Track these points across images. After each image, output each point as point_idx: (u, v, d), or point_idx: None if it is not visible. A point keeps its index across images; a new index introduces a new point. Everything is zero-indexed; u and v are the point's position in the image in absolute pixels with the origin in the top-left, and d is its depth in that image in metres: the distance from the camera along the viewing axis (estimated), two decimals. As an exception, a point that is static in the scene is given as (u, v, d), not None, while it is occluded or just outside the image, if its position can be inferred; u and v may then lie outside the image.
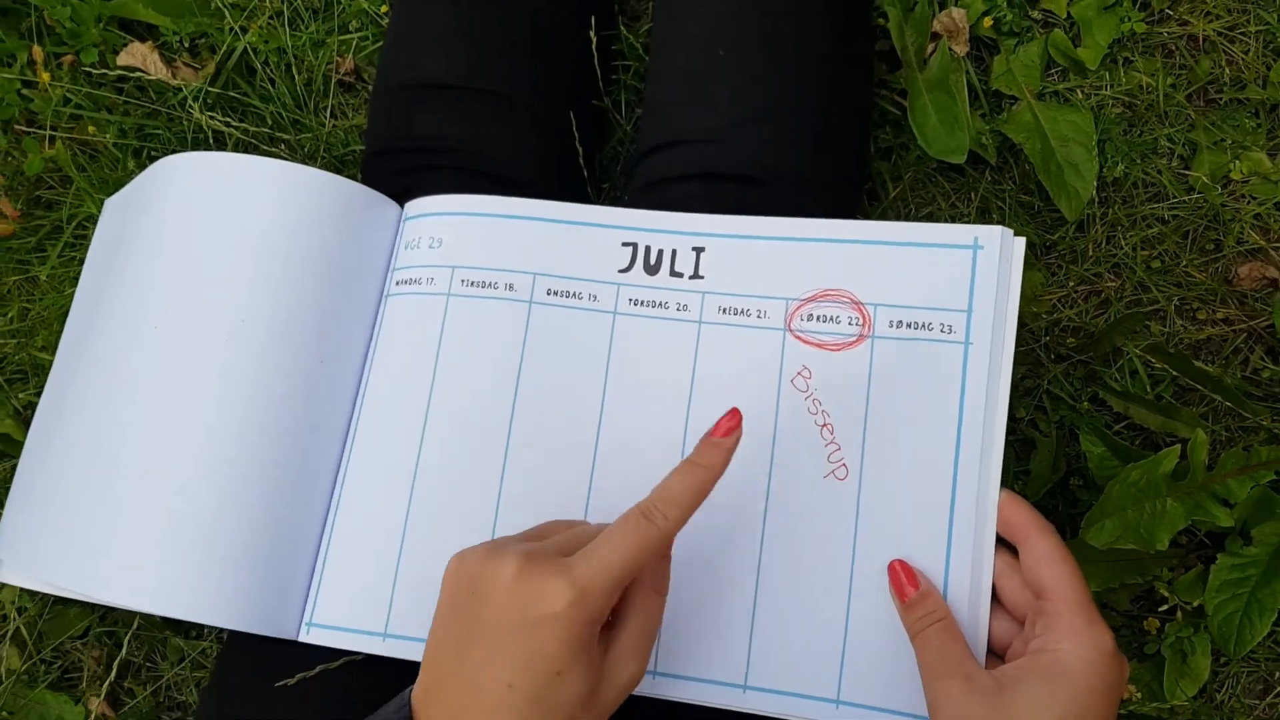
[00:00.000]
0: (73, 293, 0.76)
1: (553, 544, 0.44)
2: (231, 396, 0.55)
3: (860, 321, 0.53)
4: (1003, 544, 0.49)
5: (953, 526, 0.49)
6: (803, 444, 0.52)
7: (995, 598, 0.49)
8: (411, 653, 0.52)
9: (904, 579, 0.48)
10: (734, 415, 0.46)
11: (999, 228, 0.51)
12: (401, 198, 0.62)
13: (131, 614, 0.73)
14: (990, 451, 0.50)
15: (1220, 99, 0.73)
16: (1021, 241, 0.51)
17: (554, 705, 0.41)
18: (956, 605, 0.48)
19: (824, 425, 0.52)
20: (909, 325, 0.52)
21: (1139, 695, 0.63)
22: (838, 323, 0.53)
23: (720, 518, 0.52)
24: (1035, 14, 0.75)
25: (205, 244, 0.57)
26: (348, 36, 0.80)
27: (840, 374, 0.52)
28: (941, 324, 0.51)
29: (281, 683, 0.54)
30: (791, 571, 0.51)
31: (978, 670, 0.45)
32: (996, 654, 0.48)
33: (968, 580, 0.48)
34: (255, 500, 0.54)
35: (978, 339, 0.50)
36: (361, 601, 0.54)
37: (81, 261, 0.78)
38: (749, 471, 0.52)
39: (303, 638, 0.55)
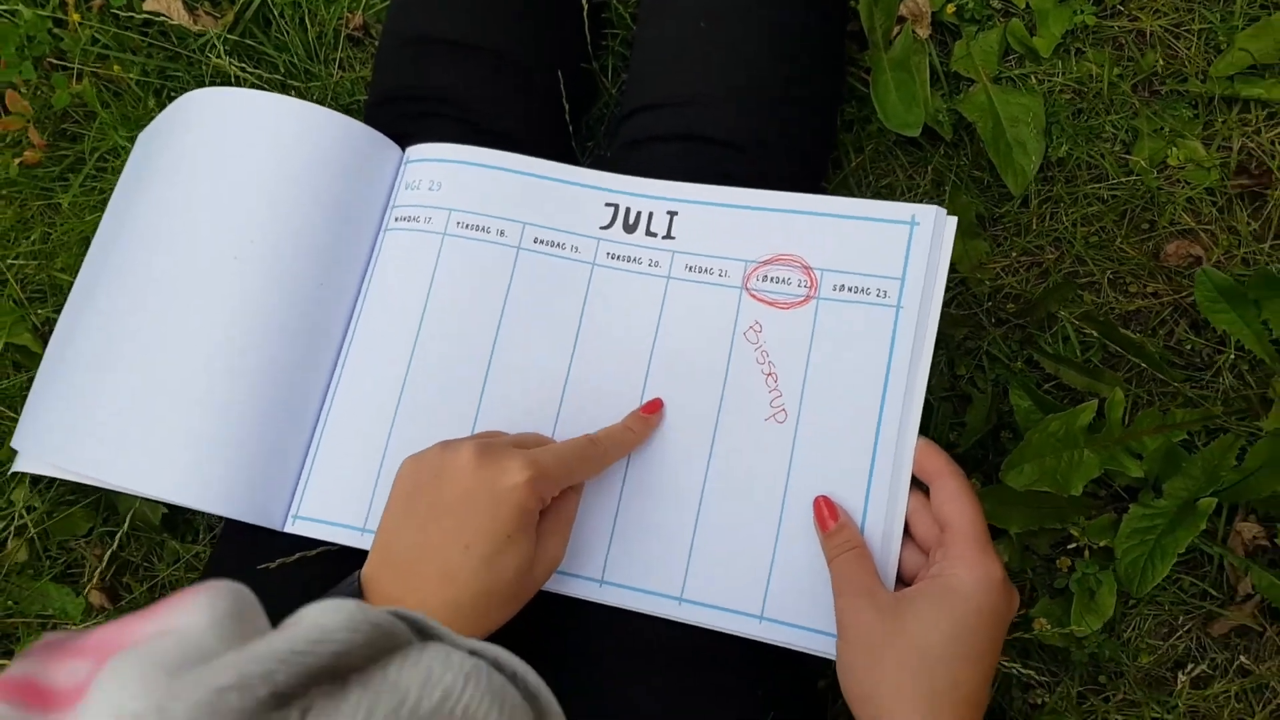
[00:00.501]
0: (92, 219, 0.82)
1: (504, 439, 0.52)
2: (237, 307, 0.61)
3: (808, 284, 0.59)
4: (918, 485, 0.55)
5: (874, 467, 0.55)
6: (749, 390, 0.58)
7: (907, 531, 0.55)
8: None
9: (826, 512, 0.54)
10: (656, 404, 0.58)
11: (934, 208, 0.57)
12: (399, 143, 0.67)
13: (130, 517, 0.79)
14: (911, 402, 0.56)
15: (1162, 90, 0.78)
16: (953, 220, 0.57)
17: (500, 568, 0.48)
18: (871, 536, 0.54)
19: (769, 374, 0.58)
20: (850, 289, 0.58)
21: (1049, 627, 0.69)
22: (788, 284, 0.59)
23: (672, 449, 0.58)
24: (995, 3, 0.80)
25: (222, 170, 0.63)
26: (358, -7, 0.86)
27: (787, 330, 0.58)
28: (878, 289, 0.57)
29: (263, 565, 0.60)
30: (730, 500, 0.57)
31: (881, 590, 0.51)
32: (905, 582, 0.54)
33: (883, 515, 0.54)
34: (254, 400, 0.60)
35: (908, 304, 0.57)
36: (344, 498, 0.60)
37: (101, 191, 0.84)
38: (700, 409, 0.58)
39: (288, 528, 0.60)
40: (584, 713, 0.56)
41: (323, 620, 0.26)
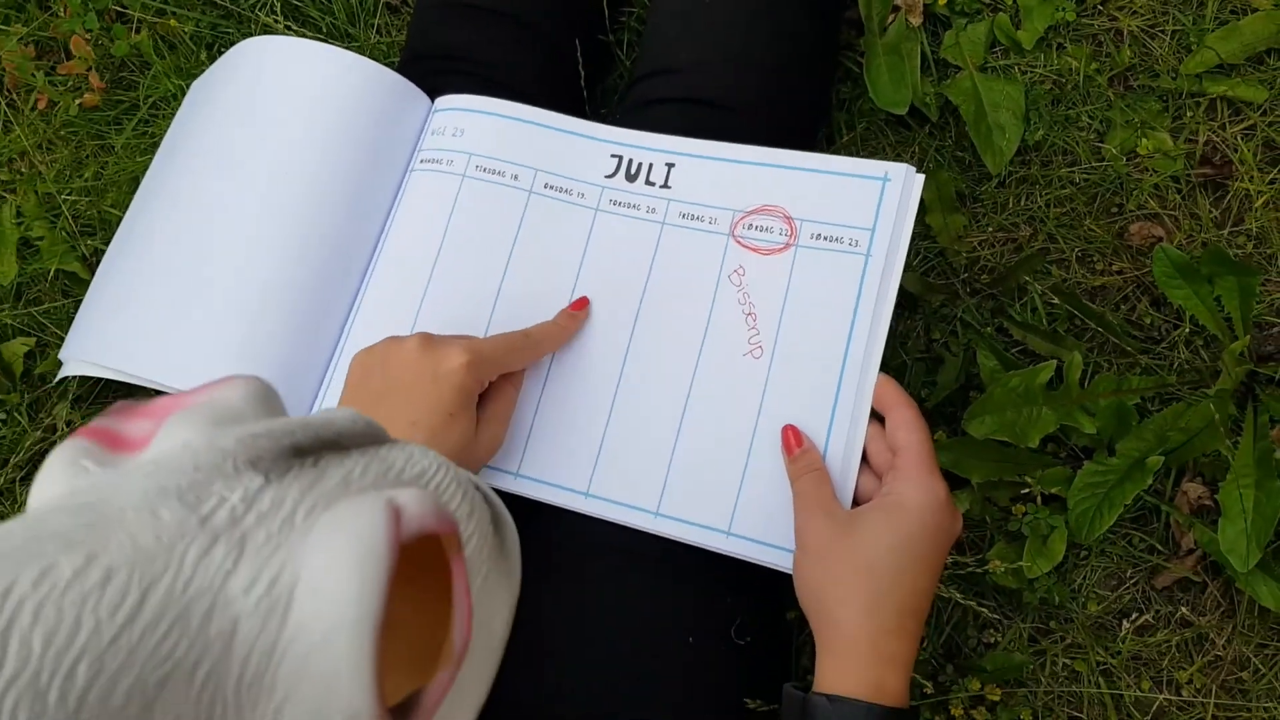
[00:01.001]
0: (143, 160, 0.89)
1: (448, 335, 0.59)
2: (275, 230, 0.67)
3: (789, 233, 0.65)
4: (876, 417, 0.61)
5: (837, 399, 0.61)
6: (730, 326, 0.64)
7: (865, 459, 0.60)
8: None
9: (792, 439, 0.60)
10: (583, 301, 0.65)
11: (904, 165, 0.63)
12: (428, 96, 0.74)
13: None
14: (874, 342, 0.61)
15: (1135, 85, 0.84)
16: (920, 178, 0.63)
17: (444, 443, 0.55)
18: (832, 461, 0.59)
19: (749, 314, 0.64)
20: (825, 239, 0.64)
21: (1001, 568, 0.75)
22: (771, 232, 0.65)
23: (656, 378, 0.64)
24: (985, -2, 0.87)
25: (270, 107, 0.69)
26: (398, -35, 0.93)
27: (768, 274, 0.64)
28: (850, 239, 0.63)
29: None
30: (707, 425, 0.62)
31: (837, 507, 0.57)
32: (860, 504, 0.59)
33: (844, 442, 0.60)
34: (284, 314, 0.67)
35: (876, 252, 0.62)
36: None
37: (152, 135, 0.91)
38: (685, 343, 0.64)
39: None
40: (577, 604, 0.62)
41: (329, 412, 0.33)
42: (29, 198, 0.91)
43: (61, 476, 0.28)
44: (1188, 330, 0.79)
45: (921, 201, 0.63)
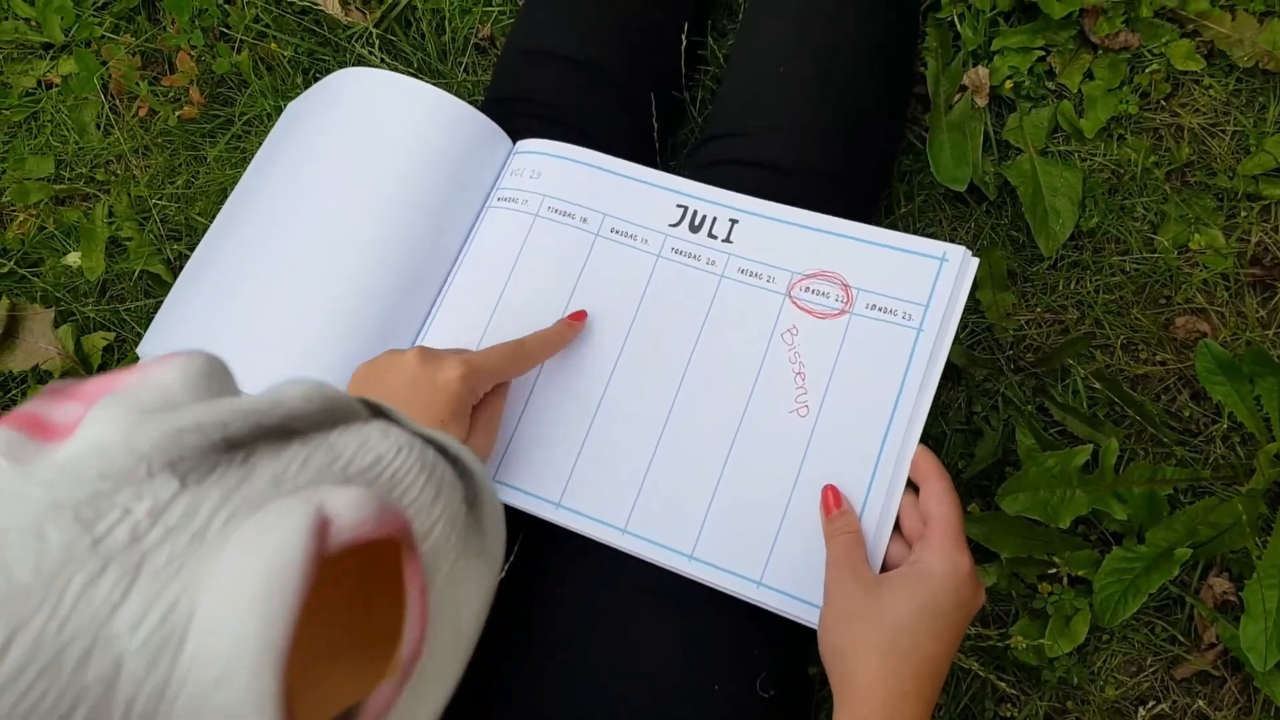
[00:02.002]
0: (233, 174, 0.94)
1: (444, 349, 0.61)
2: (356, 256, 0.71)
3: (845, 299, 0.67)
4: (910, 486, 0.62)
5: (878, 466, 0.62)
6: (779, 383, 0.66)
7: (897, 525, 0.62)
8: None
9: (831, 500, 0.62)
10: (582, 314, 0.69)
11: (961, 248, 0.65)
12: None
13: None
14: (918, 413, 0.63)
15: (1192, 181, 0.86)
16: (975, 261, 0.65)
17: None
18: (867, 525, 0.61)
19: (798, 373, 0.66)
20: (880, 309, 0.66)
21: (1023, 644, 0.76)
22: (827, 297, 0.67)
23: (703, 425, 0.66)
24: (1051, 85, 0.89)
25: (363, 137, 0.73)
26: (490, 8, 0.97)
27: (820, 337, 0.66)
28: (904, 313, 0.65)
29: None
30: (748, 477, 0.64)
31: (867, 570, 0.58)
32: (888, 570, 0.61)
33: (880, 508, 0.61)
34: (356, 338, 0.70)
35: (928, 328, 0.64)
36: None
37: (244, 151, 0.96)
38: (734, 394, 0.66)
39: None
40: (606, 640, 0.64)
41: (281, 389, 0.30)
42: (122, 199, 0.96)
43: None
44: (1225, 426, 0.80)
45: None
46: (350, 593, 0.30)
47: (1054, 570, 0.76)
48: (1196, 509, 0.77)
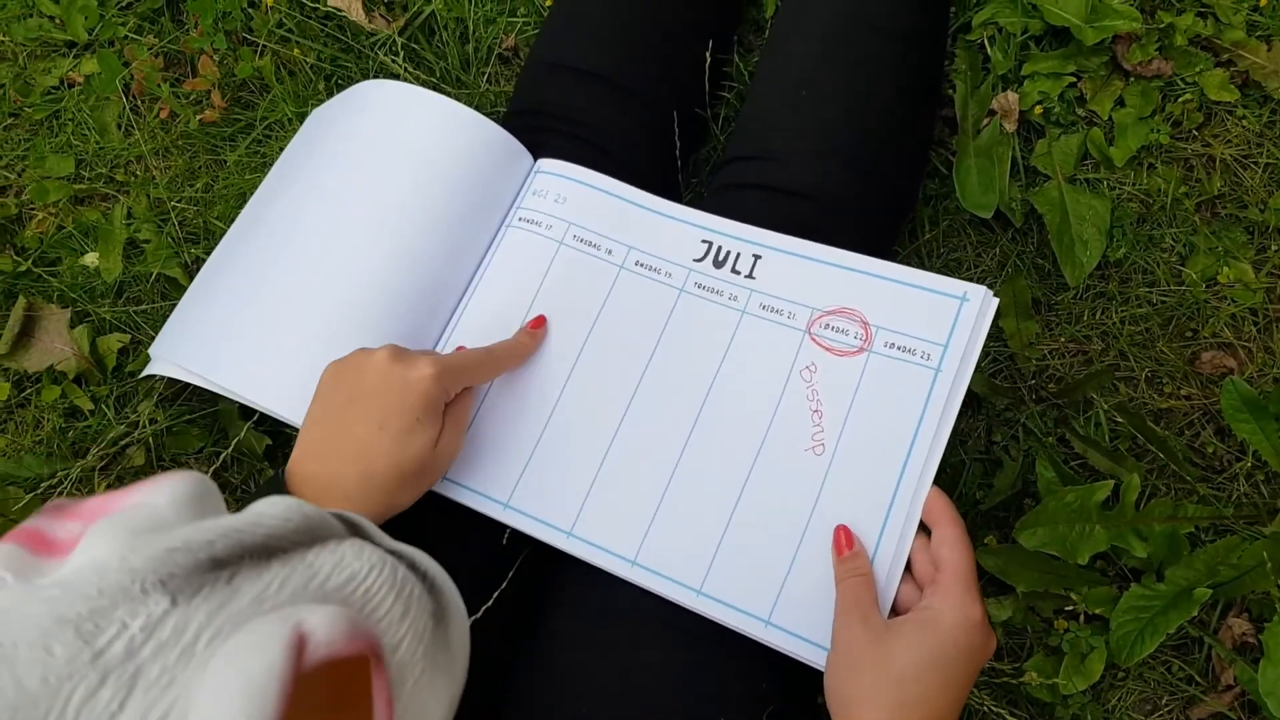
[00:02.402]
0: (252, 178, 0.94)
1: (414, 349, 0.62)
2: (372, 269, 0.70)
3: (864, 337, 0.66)
4: (923, 529, 0.62)
5: (891, 508, 0.61)
6: (796, 420, 0.65)
7: (908, 567, 0.61)
8: (479, 504, 0.66)
9: (844, 541, 0.61)
10: (541, 320, 0.70)
11: (983, 288, 0.64)
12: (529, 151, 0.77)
13: (237, 442, 0.89)
14: (933, 455, 0.62)
15: (1222, 213, 0.85)
16: (996, 302, 0.64)
17: (409, 446, 0.58)
18: (878, 567, 0.60)
19: (815, 410, 0.65)
20: (899, 348, 0.65)
21: (1037, 681, 0.75)
22: (847, 334, 0.66)
23: (716, 458, 0.65)
24: (1081, 111, 0.88)
25: (385, 149, 0.73)
26: (514, 19, 0.97)
27: (839, 374, 0.65)
28: (923, 352, 0.65)
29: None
30: (760, 512, 0.63)
31: (876, 615, 0.57)
32: (898, 613, 0.60)
33: (892, 550, 0.60)
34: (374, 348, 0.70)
35: (946, 368, 0.64)
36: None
37: (264, 155, 0.96)
38: (749, 427, 0.65)
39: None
40: (610, 671, 0.63)
41: (261, 508, 0.32)
42: (141, 200, 0.96)
43: None
44: (1249, 464, 0.79)
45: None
46: (322, 705, 0.31)
47: (1071, 607, 0.75)
48: (1218, 548, 0.76)
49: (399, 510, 0.60)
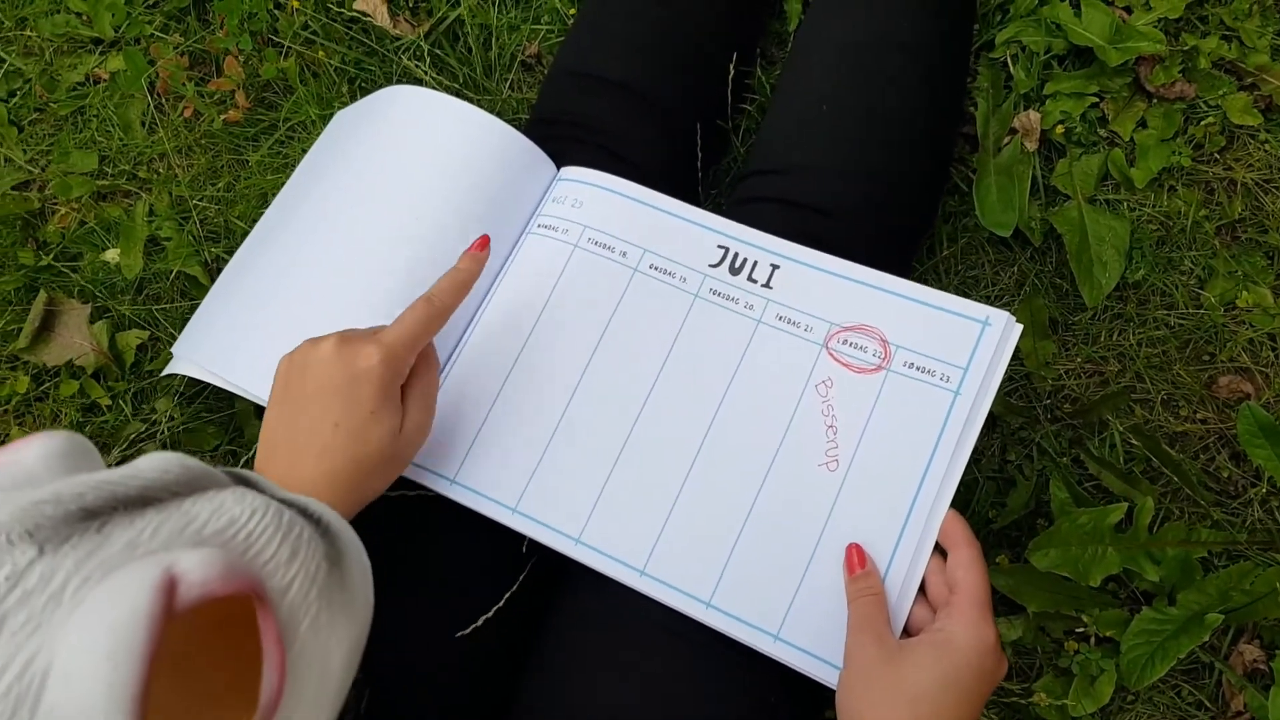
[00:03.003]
0: (274, 179, 0.94)
1: (361, 329, 0.60)
2: (393, 273, 0.71)
3: (883, 355, 0.66)
4: (938, 549, 0.61)
5: (905, 528, 0.61)
6: (809, 435, 0.65)
7: (922, 588, 0.61)
8: (486, 507, 0.66)
9: (856, 559, 0.61)
10: (485, 239, 0.65)
11: (1005, 313, 0.64)
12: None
13: (251, 441, 0.90)
14: (950, 477, 0.62)
15: (1243, 237, 0.85)
16: (1019, 329, 0.64)
17: (369, 439, 0.57)
18: (891, 586, 0.60)
19: (830, 426, 0.65)
20: (918, 368, 0.65)
21: (1046, 702, 0.75)
22: (865, 351, 0.66)
23: (728, 470, 0.65)
24: (1103, 132, 0.88)
25: (409, 156, 0.73)
26: (538, 27, 0.97)
27: (855, 391, 0.65)
28: (942, 374, 0.64)
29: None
30: (772, 526, 0.63)
31: (889, 635, 0.57)
32: (910, 634, 0.59)
33: (905, 571, 0.60)
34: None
35: (965, 391, 0.63)
36: (445, 453, 0.69)
37: (286, 156, 0.96)
38: (763, 442, 0.65)
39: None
40: (619, 680, 0.63)
41: (140, 462, 0.33)
42: (162, 198, 0.96)
43: None
44: (1264, 490, 0.79)
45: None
46: (212, 647, 0.32)
47: (1081, 628, 0.75)
48: (1230, 573, 0.76)
49: (376, 496, 0.59)
